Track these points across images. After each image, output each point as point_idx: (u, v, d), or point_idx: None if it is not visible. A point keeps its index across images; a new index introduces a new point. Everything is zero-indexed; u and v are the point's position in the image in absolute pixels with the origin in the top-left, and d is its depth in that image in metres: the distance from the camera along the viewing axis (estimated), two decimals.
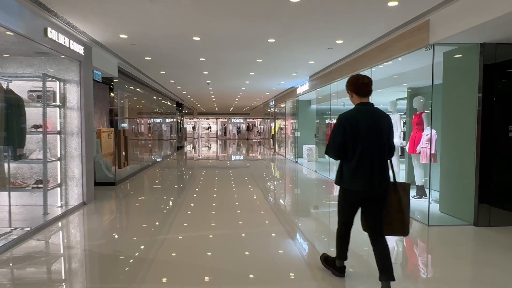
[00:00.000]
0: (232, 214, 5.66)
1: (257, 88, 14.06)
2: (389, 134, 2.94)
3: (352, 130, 2.85)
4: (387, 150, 2.93)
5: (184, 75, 10.59)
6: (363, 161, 2.84)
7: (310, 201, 7.27)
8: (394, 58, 6.20)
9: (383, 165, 2.90)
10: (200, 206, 6.34)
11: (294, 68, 9.27)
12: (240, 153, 20.38)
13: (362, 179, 2.85)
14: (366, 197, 2.93)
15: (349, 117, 2.92)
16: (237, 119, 38.13)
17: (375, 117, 2.91)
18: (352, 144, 2.87)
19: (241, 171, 11.82)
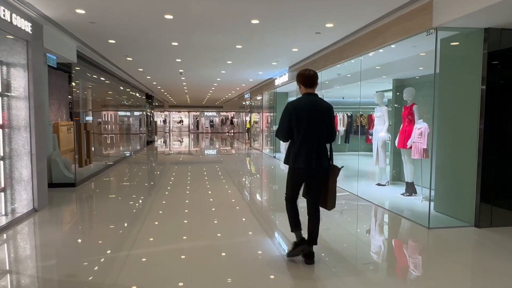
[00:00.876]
0: (208, 223, 4.93)
1: (233, 79, 13.31)
2: (329, 122, 3.38)
3: (297, 117, 3.28)
4: (326, 136, 3.38)
5: (154, 63, 9.69)
6: (305, 144, 3.28)
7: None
8: (387, 45, 5.67)
9: (322, 148, 3.34)
10: (171, 210, 5.59)
11: (275, 57, 8.61)
12: (214, 148, 19.74)
13: (303, 159, 3.29)
14: (308, 175, 3.40)
15: (295, 105, 3.33)
16: (210, 112, 37.16)
17: (317, 106, 3.32)
18: (296, 129, 3.30)
19: (215, 166, 11.12)
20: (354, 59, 6.95)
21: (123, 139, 13.53)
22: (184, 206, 5.69)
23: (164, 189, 7.25)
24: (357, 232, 4.76)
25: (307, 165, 3.30)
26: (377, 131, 7.49)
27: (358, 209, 5.90)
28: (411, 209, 5.71)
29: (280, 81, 11.74)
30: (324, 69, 8.16)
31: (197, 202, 6.01)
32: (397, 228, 4.96)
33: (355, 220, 5.38)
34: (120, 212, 5.44)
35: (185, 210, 5.45)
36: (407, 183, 6.60)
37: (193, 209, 5.54)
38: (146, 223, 4.77)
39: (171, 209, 5.57)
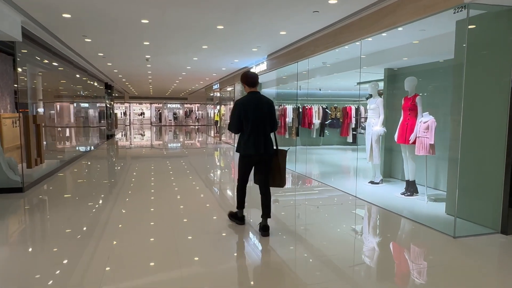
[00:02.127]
0: (176, 243, 4.04)
1: (205, 68, 12.26)
2: (271, 114, 4.00)
3: (245, 112, 3.86)
4: (269, 126, 3.99)
5: (117, 46, 8.46)
6: (252, 134, 3.88)
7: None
8: (394, 28, 4.99)
9: (266, 137, 3.97)
10: (134, 223, 4.60)
11: (259, 42, 7.72)
12: (178, 141, 18.74)
13: (252, 147, 3.88)
14: (256, 160, 3.98)
15: (242, 102, 3.95)
16: (174, 104, 35.55)
17: (260, 102, 3.95)
18: (245, 122, 3.87)
19: (181, 161, 10.18)
20: (349, 45, 6.25)
21: (81, 133, 12.10)
22: (149, 217, 4.72)
23: (126, 191, 6.21)
24: (379, 244, 4.06)
25: (256, 152, 3.92)
26: (371, 125, 6.87)
27: (367, 215, 5.23)
28: (420, 212, 5.13)
29: (257, 70, 10.88)
30: (311, 56, 7.40)
31: (164, 211, 5.04)
32: (419, 239, 4.29)
33: (369, 228, 4.69)
34: (75, 222, 4.39)
35: (151, 222, 4.47)
36: (408, 181, 6.03)
37: (160, 222, 4.57)
38: (102, 244, 3.76)
39: (134, 222, 4.56)
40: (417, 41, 6.40)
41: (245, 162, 4.05)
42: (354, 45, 6.37)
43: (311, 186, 7.01)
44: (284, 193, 6.40)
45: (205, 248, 3.66)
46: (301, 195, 6.46)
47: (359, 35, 5.67)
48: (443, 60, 6.16)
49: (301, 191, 6.80)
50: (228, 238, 4.00)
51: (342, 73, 9.09)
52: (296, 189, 6.96)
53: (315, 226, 4.53)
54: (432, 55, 6.17)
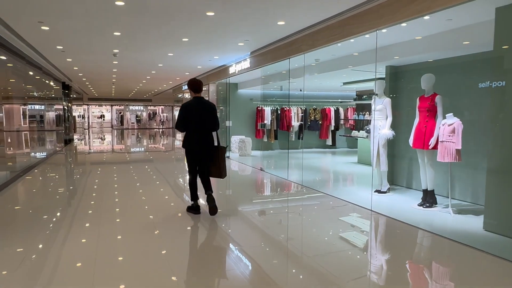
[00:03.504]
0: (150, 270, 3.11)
1: (178, 66, 11.14)
2: (212, 116, 4.69)
3: (188, 114, 4.60)
4: (210, 126, 4.68)
5: (81, 36, 7.22)
6: (195, 133, 4.62)
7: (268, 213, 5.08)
8: (420, 16, 4.32)
9: (207, 135, 4.68)
10: (96, 241, 3.57)
11: (249, 34, 6.82)
12: (142, 145, 17.67)
13: (194, 143, 4.63)
14: (200, 154, 4.70)
15: (187, 105, 4.65)
16: (137, 106, 33.68)
17: (202, 105, 4.65)
18: (189, 122, 4.60)
19: (145, 166, 9.19)
20: (357, 37, 5.53)
21: (34, 139, 10.55)
22: (115, 247, 3.70)
23: (85, 207, 5.11)
24: (427, 268, 3.29)
25: (198, 147, 4.59)
26: (377, 127, 6.20)
27: (398, 235, 4.48)
28: (451, 227, 4.47)
29: (237, 68, 9.97)
30: (308, 52, 6.62)
31: (131, 223, 4.08)
32: (473, 267, 3.60)
33: (412, 253, 3.93)
34: (23, 253, 3.27)
35: (118, 257, 3.46)
36: (427, 191, 5.39)
37: (129, 253, 3.58)
38: (61, 271, 2.75)
39: (97, 258, 3.53)
40: (419, 37, 5.83)
41: (190, 156, 4.75)
42: (357, 40, 5.68)
43: (317, 199, 6.20)
44: (293, 210, 5.55)
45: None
46: (312, 212, 5.62)
47: (374, 25, 4.94)
48: (461, 54, 5.60)
49: (310, 206, 5.97)
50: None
51: (333, 72, 8.43)
52: (304, 204, 6.13)
53: (351, 260, 3.70)
54: (448, 49, 5.59)
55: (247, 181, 8.24)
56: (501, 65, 4.13)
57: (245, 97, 13.46)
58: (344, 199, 5.84)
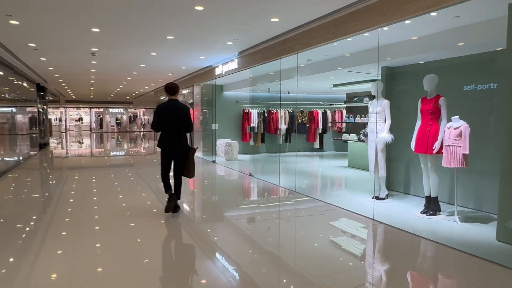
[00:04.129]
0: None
1: (161, 66, 10.62)
2: (186, 118, 4.91)
3: (163, 115, 4.83)
4: (183, 127, 4.91)
5: (55, 32, 6.65)
6: (169, 133, 4.86)
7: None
8: (428, 12, 4.02)
9: (180, 136, 4.91)
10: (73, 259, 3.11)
11: (240, 31, 6.41)
12: (122, 149, 17.12)
13: (168, 143, 4.88)
14: (173, 154, 4.95)
15: (162, 107, 4.88)
16: (117, 109, 32.68)
17: (177, 107, 4.87)
18: (164, 123, 4.83)
19: (126, 170, 8.69)
20: (354, 37, 5.21)
21: (5, 144, 9.81)
22: (93, 258, 3.24)
23: (61, 217, 4.58)
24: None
25: (171, 147, 4.89)
26: (375, 131, 5.90)
27: (402, 245, 4.14)
28: (460, 237, 4.18)
29: (224, 69, 9.54)
30: (302, 51, 6.27)
31: (113, 242, 3.63)
32: (488, 281, 3.28)
33: (419, 265, 3.58)
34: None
35: (97, 268, 3.06)
36: (430, 198, 5.11)
37: (108, 264, 3.14)
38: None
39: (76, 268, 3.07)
40: (415, 37, 5.58)
41: (164, 154, 4.99)
42: (355, 39, 5.37)
43: (314, 207, 5.83)
44: (290, 220, 5.16)
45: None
46: (311, 222, 5.24)
47: (376, 22, 4.62)
48: (462, 55, 5.36)
49: (308, 216, 5.58)
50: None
51: (325, 74, 8.11)
52: (300, 213, 5.74)
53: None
54: (451, 49, 5.33)
55: (235, 187, 7.81)
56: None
57: (231, 99, 13.04)
58: (342, 207, 5.50)
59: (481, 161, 5.05)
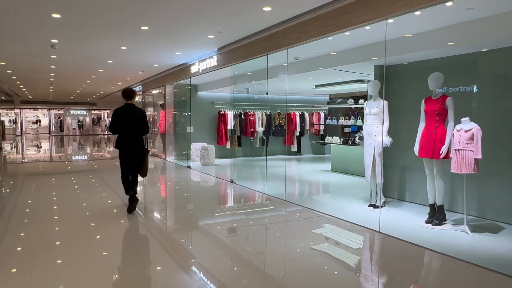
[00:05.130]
0: None
1: (131, 63, 9.75)
2: (141, 121, 5.17)
3: (120, 118, 5.09)
4: (139, 130, 5.16)
5: (7, 18, 5.71)
6: (126, 135, 5.11)
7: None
8: (444, 2, 3.61)
9: (138, 138, 5.19)
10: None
11: (225, 23, 5.77)
12: (85, 153, 16.02)
13: (123, 145, 5.12)
14: (129, 155, 5.18)
15: (118, 110, 5.14)
16: (79, 111, 30.83)
17: (132, 111, 5.14)
18: (120, 126, 5.09)
19: (89, 176, 8.28)
20: (352, 31, 4.76)
21: None
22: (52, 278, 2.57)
23: (16, 227, 3.75)
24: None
25: (128, 148, 5.15)
26: (372, 134, 5.47)
27: (409, 258, 3.66)
28: (476, 251, 3.78)
29: (202, 66, 8.86)
30: (292, 46, 5.75)
31: (76, 260, 2.98)
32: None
33: (431, 281, 3.12)
34: None
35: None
36: (435, 206, 4.72)
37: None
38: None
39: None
40: (409, 35, 5.23)
41: (121, 155, 5.19)
42: (352, 33, 4.91)
43: (309, 218, 5.29)
44: (286, 234, 4.57)
45: None
46: (310, 236, 4.68)
47: (382, 13, 4.17)
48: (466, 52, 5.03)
49: (304, 228, 5.02)
50: None
51: (312, 72, 7.65)
52: (295, 226, 5.16)
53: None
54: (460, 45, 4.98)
55: (217, 196, 7.14)
56: None
57: (205, 100, 12.33)
58: (340, 217, 5.00)
59: (485, 166, 4.71)
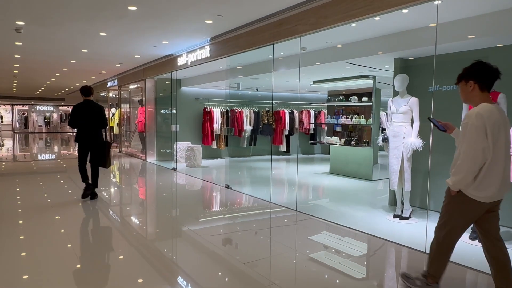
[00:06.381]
0: None
1: (110, 53, 8.64)
2: (99, 116, 5.63)
3: (79, 113, 5.51)
4: (98, 124, 5.63)
5: None
6: (85, 129, 5.54)
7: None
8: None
9: (95, 132, 5.61)
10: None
11: (227, 4, 4.91)
12: (52, 152, 14.86)
13: (83, 138, 5.55)
14: (88, 147, 5.62)
15: (78, 106, 5.56)
16: (46, 107, 28.80)
17: (91, 107, 5.60)
18: (79, 120, 5.52)
19: (57, 176, 7.82)
20: (388, 15, 4.05)
21: None
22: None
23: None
24: None
25: (87, 141, 5.57)
26: (400, 135, 4.80)
27: (458, 284, 2.98)
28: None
29: (191, 58, 7.93)
30: (306, 34, 4.97)
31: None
32: None
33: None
34: None
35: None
36: None
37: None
38: None
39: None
40: (433, 24, 4.60)
41: (80, 147, 5.63)
42: (387, 18, 4.20)
43: (335, 234, 4.53)
44: (320, 258, 3.78)
45: None
46: (351, 260, 3.91)
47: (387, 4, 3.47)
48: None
49: (347, 253, 4.24)
50: None
51: (321, 66, 6.90)
52: (333, 250, 4.38)
53: None
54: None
55: (217, 208, 6.27)
56: None
57: (189, 96, 11.38)
58: (363, 231, 4.30)
59: None
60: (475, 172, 2.44)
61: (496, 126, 2.42)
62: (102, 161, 5.66)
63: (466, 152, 2.44)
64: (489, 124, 2.39)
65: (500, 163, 2.47)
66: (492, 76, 2.55)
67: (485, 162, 2.43)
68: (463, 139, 2.48)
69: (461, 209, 2.57)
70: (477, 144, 2.39)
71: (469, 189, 2.48)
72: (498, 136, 2.43)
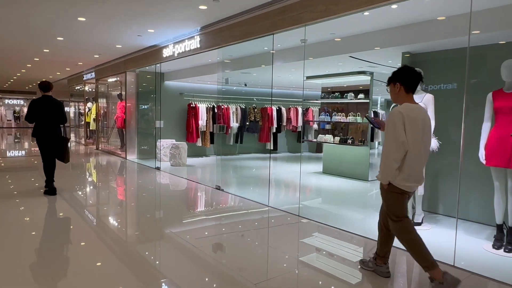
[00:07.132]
0: None
1: (88, 42, 7.90)
2: (59, 111, 5.65)
3: (37, 108, 5.51)
4: (58, 120, 5.64)
5: None
6: (43, 124, 5.50)
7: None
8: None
9: (54, 127, 5.61)
10: None
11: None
12: (23, 148, 14.11)
13: (40, 132, 5.54)
14: (46, 142, 5.60)
15: (36, 101, 5.61)
16: (16, 100, 27.26)
17: (50, 102, 5.60)
18: (38, 115, 5.51)
19: (28, 174, 7.33)
20: (408, 2, 3.66)
21: None
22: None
23: None
24: None
25: (45, 137, 5.55)
26: None
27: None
28: None
29: (178, 49, 7.35)
30: (313, 23, 4.53)
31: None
32: None
33: None
34: None
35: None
36: (504, 227, 3.78)
37: None
38: None
39: None
40: (443, 17, 4.28)
41: (39, 142, 5.61)
42: (402, 6, 3.81)
43: (349, 244, 4.11)
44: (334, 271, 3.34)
45: None
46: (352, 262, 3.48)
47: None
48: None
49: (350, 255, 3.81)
50: None
51: (322, 59, 6.47)
52: (334, 254, 3.94)
53: None
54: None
55: (211, 213, 5.76)
56: None
57: (173, 90, 10.77)
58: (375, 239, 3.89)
59: None
60: (397, 162, 2.67)
61: (415, 123, 2.68)
62: (61, 156, 5.73)
63: (388, 145, 2.71)
64: (408, 121, 2.65)
65: (421, 157, 2.75)
66: (415, 79, 2.83)
67: (404, 154, 2.68)
68: (386, 134, 2.75)
69: (395, 198, 2.83)
70: (395, 137, 2.65)
71: (396, 180, 2.73)
72: (417, 132, 2.68)
